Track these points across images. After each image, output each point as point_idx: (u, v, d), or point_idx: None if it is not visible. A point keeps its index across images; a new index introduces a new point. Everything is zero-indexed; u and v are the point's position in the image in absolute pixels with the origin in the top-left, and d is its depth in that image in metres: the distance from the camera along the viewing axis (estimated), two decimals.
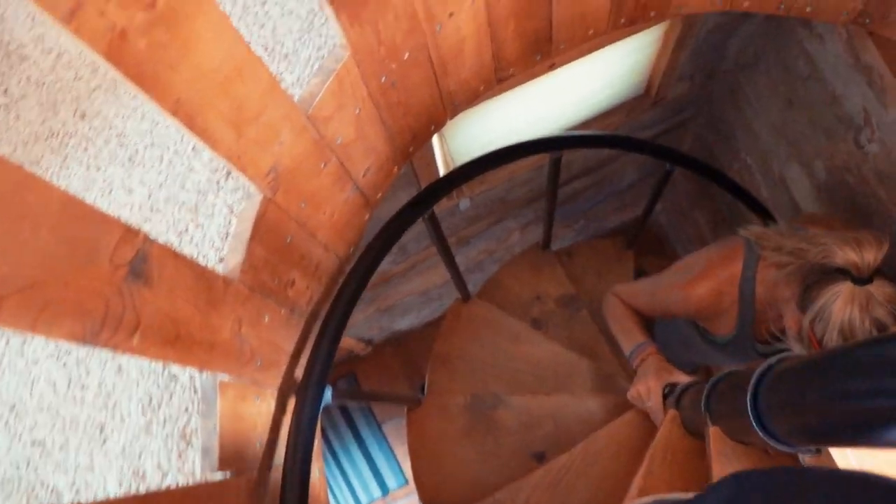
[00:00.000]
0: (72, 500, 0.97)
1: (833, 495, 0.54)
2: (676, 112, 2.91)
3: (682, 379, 1.70)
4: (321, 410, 1.27)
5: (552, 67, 1.91)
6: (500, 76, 1.54)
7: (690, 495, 0.68)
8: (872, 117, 1.95)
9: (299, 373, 1.31)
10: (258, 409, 1.14)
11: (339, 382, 4.25)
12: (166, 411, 1.03)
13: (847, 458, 1.20)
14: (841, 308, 1.33)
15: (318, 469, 1.30)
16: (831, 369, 0.88)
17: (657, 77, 2.42)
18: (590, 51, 1.89)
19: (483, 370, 2.96)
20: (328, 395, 1.32)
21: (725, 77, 2.67)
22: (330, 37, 1.17)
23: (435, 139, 2.27)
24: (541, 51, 1.51)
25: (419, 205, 1.66)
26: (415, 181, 2.41)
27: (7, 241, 0.56)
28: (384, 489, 4.09)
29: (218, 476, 0.98)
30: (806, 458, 1.18)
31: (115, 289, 0.70)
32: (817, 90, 2.14)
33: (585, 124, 2.61)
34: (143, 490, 0.97)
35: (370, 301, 3.54)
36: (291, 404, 1.28)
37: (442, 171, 2.48)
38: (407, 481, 4.09)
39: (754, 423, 1.02)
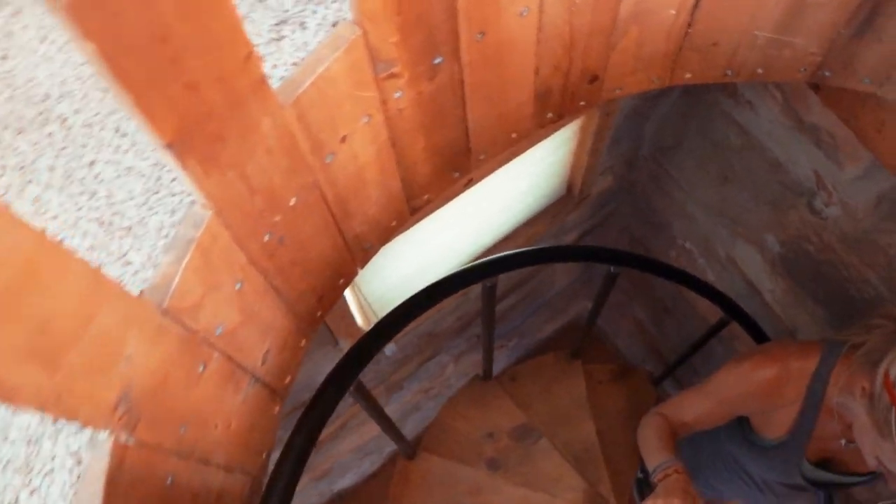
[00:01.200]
0: None
1: None
2: (601, 207, 2.72)
3: None
4: None
5: (470, 184, 1.66)
6: (414, 205, 1.27)
7: None
8: (826, 179, 1.77)
9: None
10: None
11: None
12: None
13: None
14: None
15: None
16: None
17: (578, 174, 2.22)
18: (510, 158, 1.65)
19: None
20: None
21: (647, 164, 2.50)
22: (184, 194, 0.87)
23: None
24: (458, 166, 1.26)
25: (341, 380, 1.34)
26: (329, 336, 2.09)
27: None
28: None
29: None
30: None
31: None
32: (755, 160, 1.97)
33: (509, 238, 2.37)
34: None
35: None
36: None
37: (359, 320, 2.16)
38: None
39: None
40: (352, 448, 3.36)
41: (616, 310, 3.73)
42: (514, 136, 1.23)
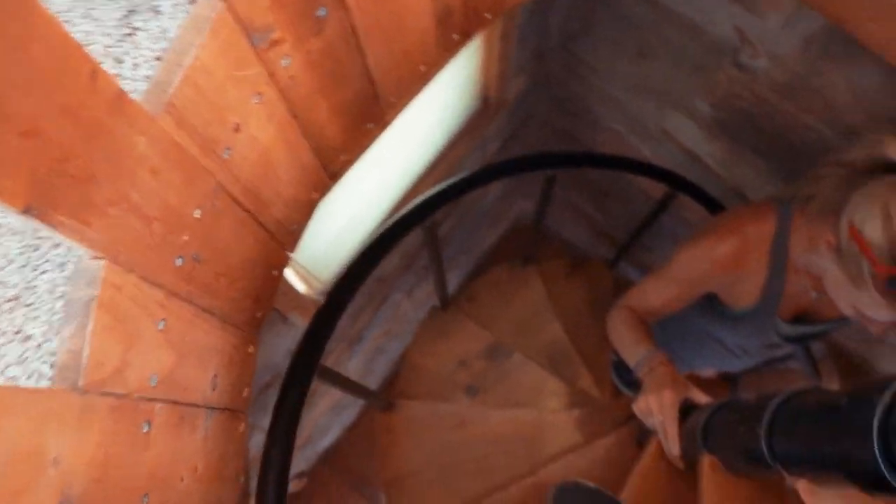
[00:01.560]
0: None
1: None
2: (519, 110, 2.62)
3: (701, 397, 1.38)
4: None
5: (384, 128, 1.53)
6: (333, 170, 1.15)
7: None
8: (748, 33, 1.70)
9: None
10: None
11: None
12: None
13: None
14: (893, 200, 1.13)
15: None
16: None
17: (491, 84, 2.10)
18: (421, 89, 1.52)
19: (446, 476, 2.54)
20: None
21: (558, 55, 2.40)
22: (69, 249, 0.74)
23: None
24: (371, 117, 1.14)
25: (306, 364, 1.24)
26: (277, 315, 1.97)
27: None
28: None
29: None
30: None
31: None
32: (671, 29, 1.88)
33: (434, 167, 2.26)
34: None
35: None
36: None
37: (302, 288, 2.05)
38: None
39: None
40: (326, 409, 3.29)
41: (556, 204, 3.66)
42: (422, 68, 1.11)
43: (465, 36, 1.14)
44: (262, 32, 0.75)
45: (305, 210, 1.15)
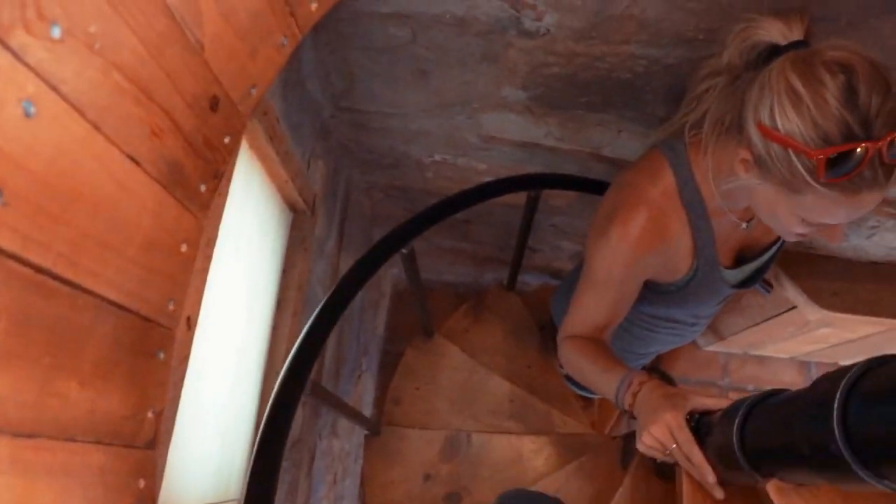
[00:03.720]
0: None
1: None
2: (335, 194, 2.35)
3: (706, 401, 1.15)
4: None
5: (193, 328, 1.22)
6: None
7: None
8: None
9: None
10: None
11: None
12: None
13: None
14: (779, 71, 1.03)
15: None
16: None
17: (289, 189, 1.83)
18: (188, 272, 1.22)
19: None
20: None
21: (340, 120, 2.17)
22: None
23: None
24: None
25: None
26: None
27: None
28: None
29: None
30: None
31: None
32: (438, 35, 1.68)
33: (284, 307, 1.95)
34: None
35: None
36: None
37: None
38: None
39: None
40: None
41: (425, 255, 3.44)
42: (183, 248, 0.81)
43: (217, 175, 0.85)
44: None
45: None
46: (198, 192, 0.78)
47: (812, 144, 0.99)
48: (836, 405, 0.75)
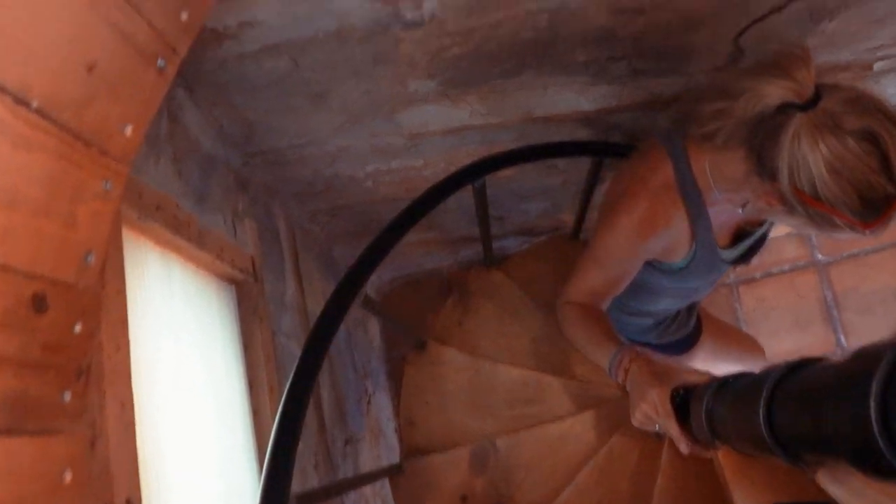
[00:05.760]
0: None
1: None
2: (274, 245, 2.20)
3: (691, 376, 1.28)
4: None
5: None
6: None
7: None
8: None
9: None
10: None
11: None
12: None
13: None
14: (812, 144, 1.12)
15: None
16: None
17: (224, 259, 1.68)
18: None
19: None
20: None
21: (253, 167, 2.04)
22: None
23: None
24: None
25: None
26: None
27: None
28: None
29: None
30: None
31: None
32: (317, 54, 1.54)
33: (256, 384, 1.82)
34: None
35: None
36: None
37: None
38: None
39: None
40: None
41: (401, 257, 3.36)
42: (67, 477, 0.67)
43: (79, 377, 0.70)
44: None
45: None
46: (60, 406, 0.63)
47: (859, 218, 1.14)
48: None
